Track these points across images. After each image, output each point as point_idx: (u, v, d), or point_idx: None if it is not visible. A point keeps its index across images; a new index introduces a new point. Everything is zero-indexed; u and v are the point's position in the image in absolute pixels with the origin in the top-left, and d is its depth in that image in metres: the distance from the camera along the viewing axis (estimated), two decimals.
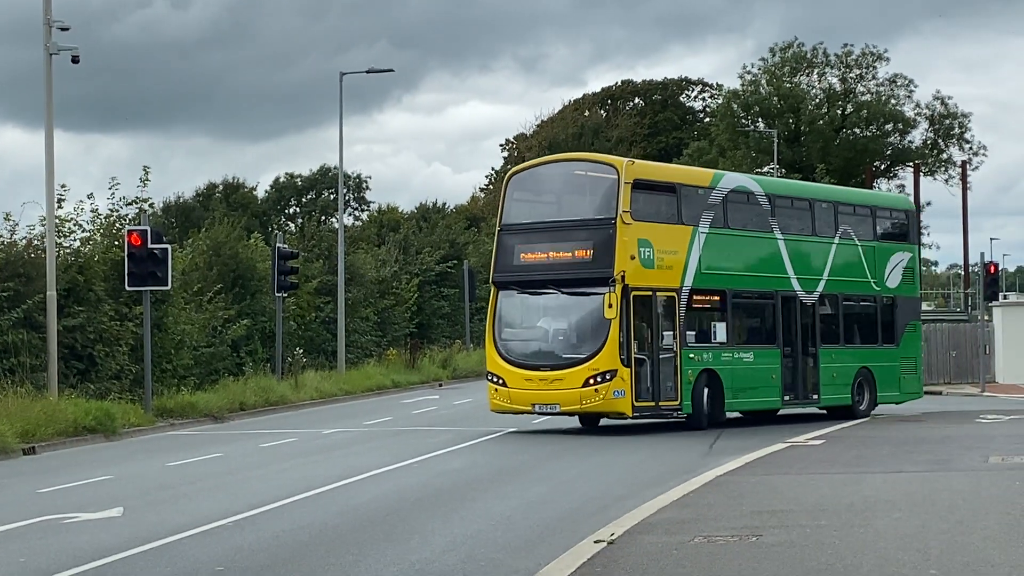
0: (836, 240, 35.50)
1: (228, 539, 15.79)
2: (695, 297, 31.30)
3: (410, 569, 13.72)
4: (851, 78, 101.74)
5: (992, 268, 54.58)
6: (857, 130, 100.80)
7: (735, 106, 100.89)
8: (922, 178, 78.75)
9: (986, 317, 53.78)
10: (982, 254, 52.81)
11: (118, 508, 18.52)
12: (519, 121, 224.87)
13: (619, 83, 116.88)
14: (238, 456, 26.93)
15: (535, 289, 31.28)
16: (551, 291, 30.97)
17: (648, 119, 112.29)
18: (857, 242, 36.19)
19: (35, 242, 35.91)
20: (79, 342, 36.05)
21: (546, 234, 31.71)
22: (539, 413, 30.89)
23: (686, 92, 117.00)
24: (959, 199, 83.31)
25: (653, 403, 29.79)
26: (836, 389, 34.71)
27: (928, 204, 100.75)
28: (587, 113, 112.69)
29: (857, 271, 36.12)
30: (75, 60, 34.02)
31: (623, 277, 29.20)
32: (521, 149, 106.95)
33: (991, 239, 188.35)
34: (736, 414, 33.42)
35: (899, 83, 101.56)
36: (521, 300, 31.58)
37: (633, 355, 29.32)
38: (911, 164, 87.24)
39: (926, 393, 47.53)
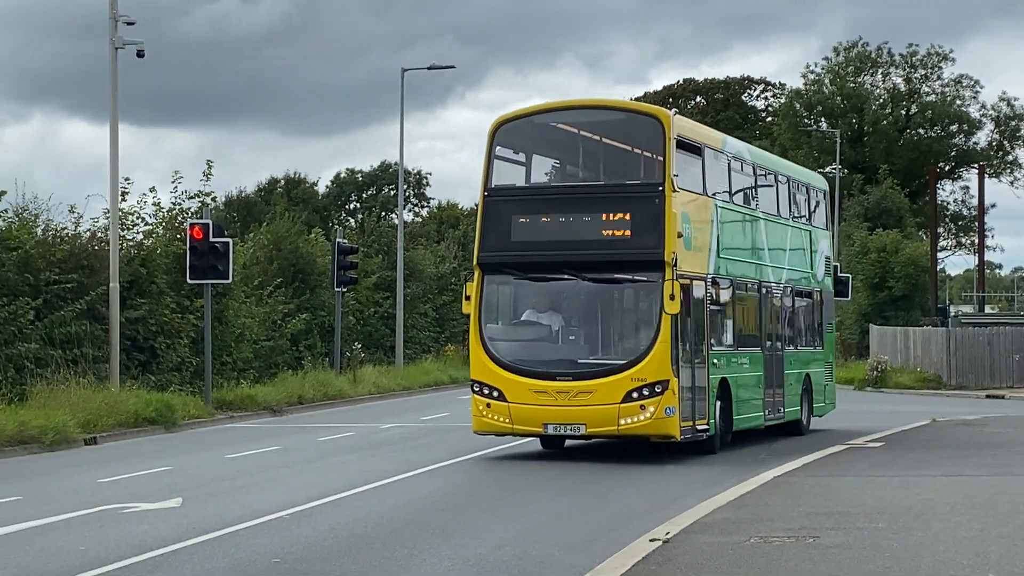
0: (790, 222, 30.30)
1: (285, 531, 15.88)
2: (715, 288, 25.30)
3: (464, 564, 13.75)
4: (916, 78, 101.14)
5: None
6: (921, 131, 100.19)
7: (798, 105, 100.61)
8: (987, 180, 78.14)
9: None
10: None
11: (177, 499, 18.67)
12: None
13: (681, 82, 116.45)
14: (296, 449, 27.06)
15: (543, 273, 24.09)
16: (568, 276, 23.91)
17: (710, 118, 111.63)
18: (801, 225, 31.17)
19: (99, 234, 36.23)
20: (141, 334, 36.35)
21: (559, 202, 24.76)
22: (553, 436, 24.26)
23: (748, 91, 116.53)
24: None
25: (691, 423, 23.42)
26: (793, 400, 29.26)
27: (993, 206, 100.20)
28: None
29: (802, 260, 31.10)
30: (140, 54, 34.28)
31: (675, 261, 22.65)
32: None
33: None
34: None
35: (964, 84, 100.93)
36: (520, 287, 24.35)
37: (680, 363, 23.08)
38: (976, 165, 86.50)
39: (988, 397, 47.32)
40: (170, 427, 31.81)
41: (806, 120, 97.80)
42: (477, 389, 23.48)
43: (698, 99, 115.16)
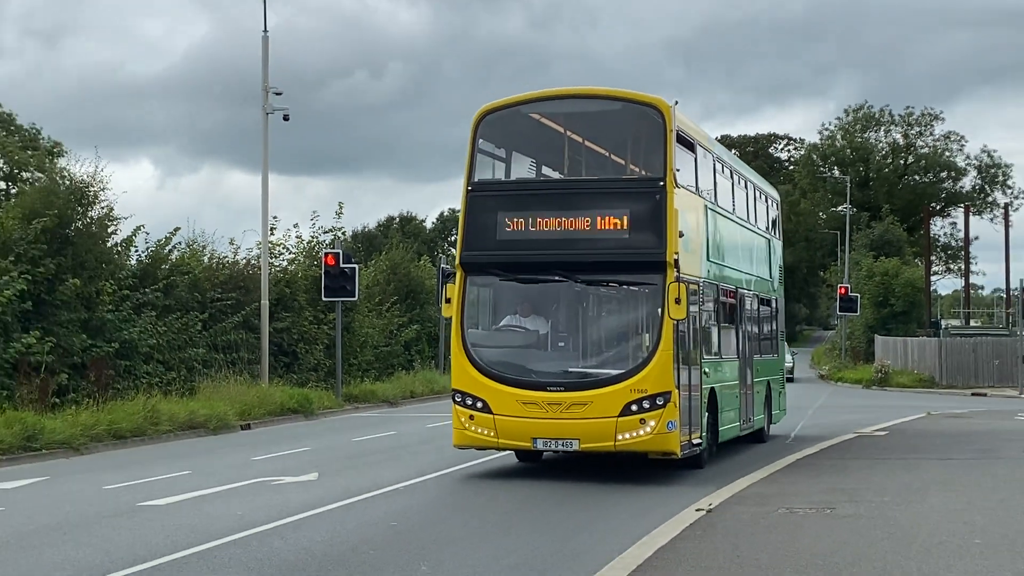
0: (755, 227, 24.49)
1: (401, 499, 15.91)
2: (706, 292, 19.65)
3: (544, 525, 13.72)
4: (912, 134, 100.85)
5: None
6: (917, 177, 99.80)
7: (814, 156, 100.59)
8: (971, 217, 77.60)
9: None
10: (1021, 280, 51.51)
11: (314, 473, 18.77)
12: None
13: (719, 137, 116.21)
14: (409, 434, 27.11)
15: (532, 275, 18.21)
16: (560, 278, 18.00)
17: None
18: (763, 233, 25.54)
19: (252, 262, 36.62)
20: (285, 341, 36.72)
21: (550, 197, 18.80)
22: (542, 451, 18.86)
23: (774, 145, 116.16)
24: (1002, 235, 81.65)
25: (689, 437, 18.17)
26: (759, 408, 23.98)
27: (976, 238, 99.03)
28: None
29: (764, 267, 25.41)
30: (286, 118, 34.67)
31: (677, 262, 17.25)
32: None
33: None
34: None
35: (952, 139, 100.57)
36: (506, 290, 18.53)
37: (680, 372, 17.69)
38: (962, 205, 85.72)
39: (973, 394, 46.68)
40: (308, 416, 32.01)
41: (821, 168, 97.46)
42: (459, 399, 17.92)
43: (733, 152, 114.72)
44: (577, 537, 13.12)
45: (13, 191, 57.70)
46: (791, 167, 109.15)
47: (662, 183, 17.55)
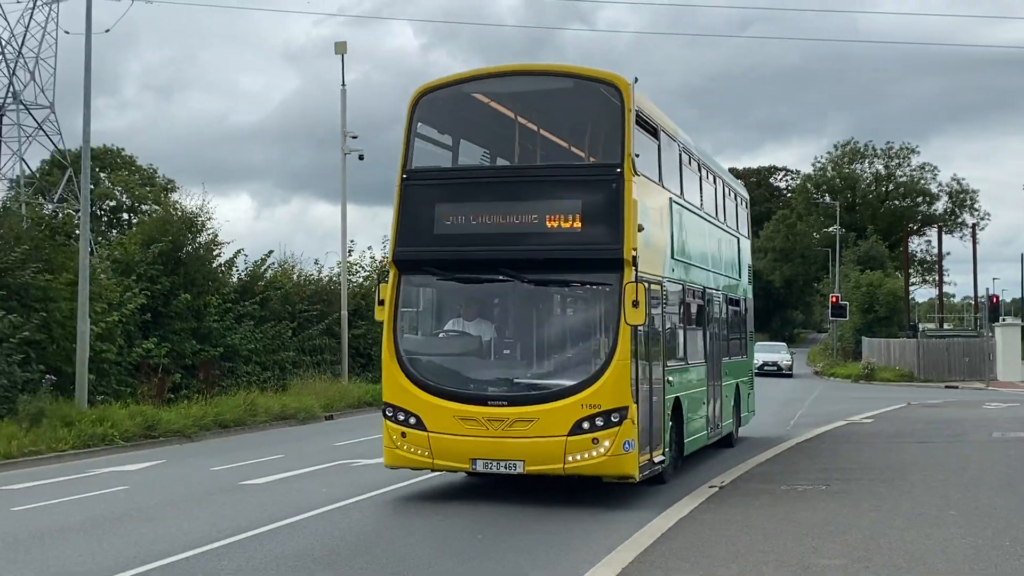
0: (724, 225, 19.87)
1: (460, 477, 15.90)
2: (671, 293, 15.20)
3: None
4: (892, 165, 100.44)
5: (995, 299, 55.27)
6: (897, 201, 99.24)
7: (809, 185, 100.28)
8: (944, 236, 77.01)
9: (990, 334, 52.01)
10: (987, 289, 51.58)
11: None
12: None
13: (726, 170, 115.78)
14: None
15: (473, 274, 13.78)
16: (504, 277, 13.57)
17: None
18: (732, 231, 20.76)
19: (333, 278, 36.82)
20: (361, 345, 36.84)
21: (494, 186, 14.27)
22: (482, 474, 13.79)
23: (774, 176, 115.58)
24: (971, 250, 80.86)
25: (649, 456, 13.74)
26: (728, 413, 19.52)
27: (948, 254, 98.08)
28: None
29: (733, 267, 20.72)
30: (361, 158, 34.87)
31: (636, 260, 13.04)
32: None
33: (993, 279, 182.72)
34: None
35: (927, 168, 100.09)
36: (445, 291, 14.22)
37: (639, 383, 13.28)
38: (936, 226, 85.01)
39: (946, 387, 46.14)
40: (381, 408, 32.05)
41: (815, 195, 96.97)
42: (390, 414, 13.67)
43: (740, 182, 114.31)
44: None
45: (134, 221, 58.48)
46: (789, 194, 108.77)
47: (619, 170, 13.06)
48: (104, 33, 52.23)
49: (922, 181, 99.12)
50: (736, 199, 21.47)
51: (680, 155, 16.26)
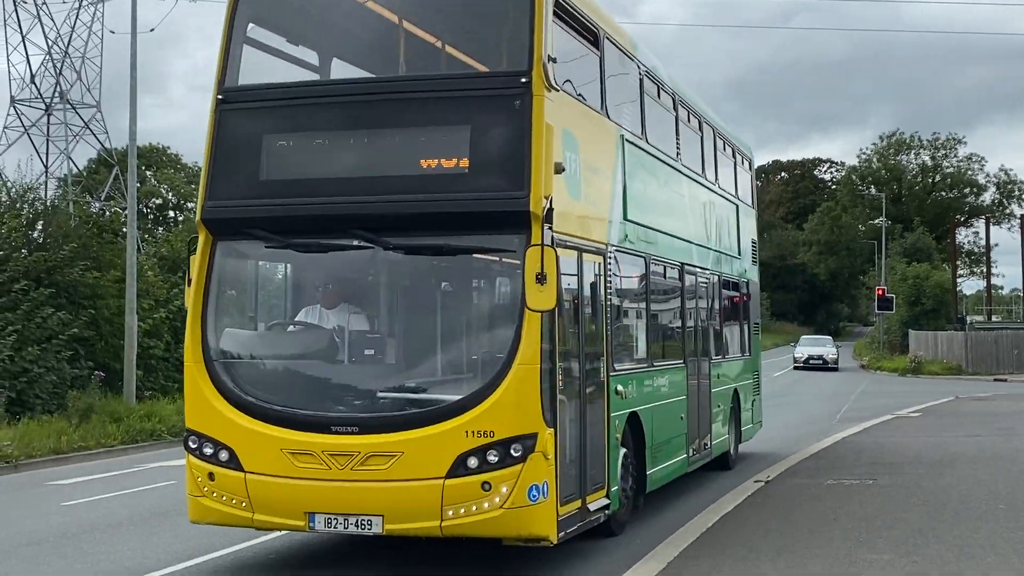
0: (715, 186, 15.30)
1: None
2: (620, 268, 10.70)
3: None
4: (938, 156, 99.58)
5: None
6: (943, 193, 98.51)
7: (854, 177, 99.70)
8: (991, 227, 76.20)
9: None
10: None
11: None
12: None
13: (771, 162, 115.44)
14: None
15: (314, 237, 8.83)
16: (360, 242, 8.72)
17: (791, 186, 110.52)
18: (729, 196, 16.28)
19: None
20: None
21: (346, 111, 8.99)
22: (322, 532, 8.69)
23: (819, 168, 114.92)
24: (1019, 241, 79.65)
25: (579, 503, 9.16)
26: (721, 428, 15.29)
27: (996, 245, 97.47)
28: None
29: (729, 240, 16.25)
30: None
31: (550, 214, 8.45)
32: None
33: None
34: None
35: (974, 159, 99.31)
36: (277, 263, 9.83)
37: (558, 399, 8.63)
38: (983, 217, 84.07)
39: (995, 380, 45.56)
40: None
41: (860, 187, 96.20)
42: (194, 446, 9.03)
43: (783, 174, 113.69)
44: None
45: (180, 218, 59.12)
46: (834, 187, 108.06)
47: (523, 80, 8.63)
48: (149, 32, 52.87)
49: (969, 172, 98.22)
50: (735, 156, 16.76)
51: (642, 82, 11.86)
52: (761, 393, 18.53)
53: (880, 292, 59.35)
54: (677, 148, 13.22)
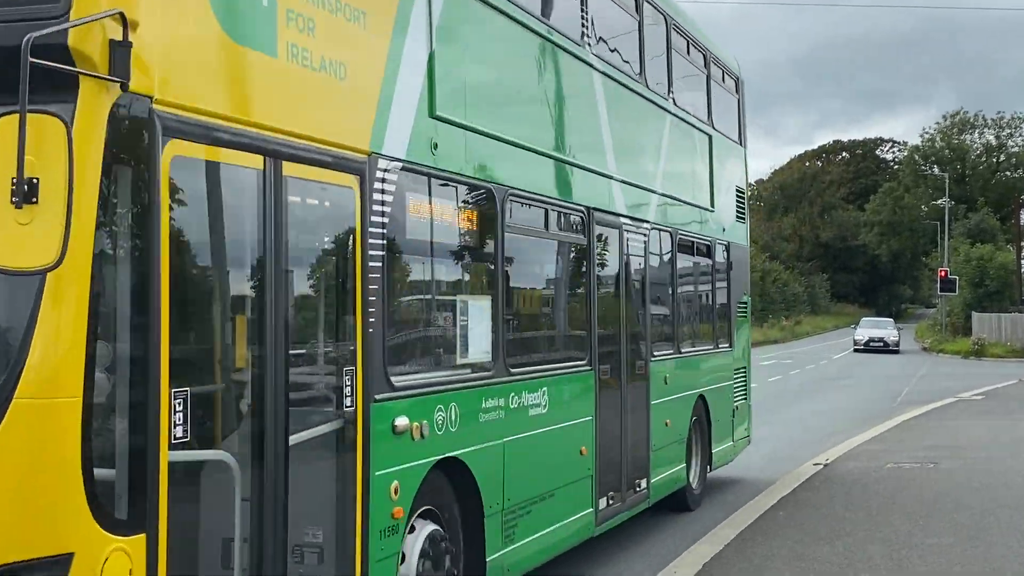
0: (670, 105, 10.42)
1: None
2: (420, 202, 5.65)
3: None
4: (1003, 135, 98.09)
5: None
6: (1008, 172, 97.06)
7: (916, 157, 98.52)
8: None
9: None
10: None
11: None
12: (756, 169, 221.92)
13: (833, 141, 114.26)
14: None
15: None
16: None
17: (852, 167, 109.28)
18: (695, 121, 11.29)
19: None
20: None
21: None
22: None
23: (881, 147, 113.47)
24: None
25: None
26: (669, 455, 10.20)
27: None
28: (807, 164, 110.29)
29: (695, 185, 11.39)
30: None
31: (125, 50, 3.38)
32: (760, 192, 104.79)
33: None
34: None
35: None
36: None
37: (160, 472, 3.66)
38: None
39: None
40: None
41: (923, 167, 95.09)
42: None
43: (844, 154, 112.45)
44: None
45: None
46: (896, 167, 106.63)
47: None
48: None
49: None
50: (708, 67, 11.96)
51: None
52: (750, 398, 13.57)
53: (943, 273, 58.56)
54: (583, 25, 8.47)
